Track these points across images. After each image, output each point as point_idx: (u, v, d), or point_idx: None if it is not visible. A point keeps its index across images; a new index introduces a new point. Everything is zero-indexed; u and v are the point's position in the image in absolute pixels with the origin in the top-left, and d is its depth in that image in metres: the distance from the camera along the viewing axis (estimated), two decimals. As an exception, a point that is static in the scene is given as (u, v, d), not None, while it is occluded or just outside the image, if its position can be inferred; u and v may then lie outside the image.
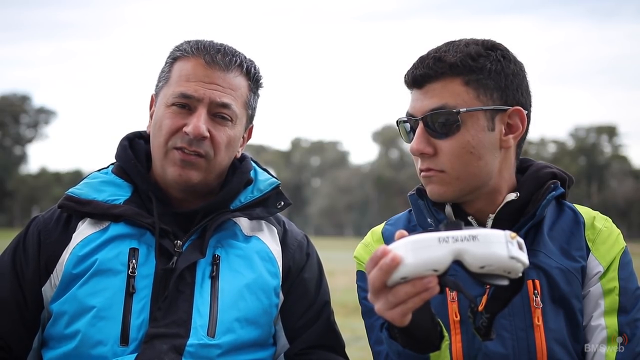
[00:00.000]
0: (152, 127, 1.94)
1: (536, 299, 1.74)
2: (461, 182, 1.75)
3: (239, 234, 1.96)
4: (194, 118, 1.87)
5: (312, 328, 1.98)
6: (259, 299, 1.90)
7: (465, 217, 1.82)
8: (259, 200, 1.99)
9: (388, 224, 1.97)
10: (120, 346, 1.77)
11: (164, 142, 1.89)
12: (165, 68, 1.96)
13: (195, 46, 1.93)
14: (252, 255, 1.93)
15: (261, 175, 2.04)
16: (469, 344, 1.75)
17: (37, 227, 1.92)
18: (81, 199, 1.91)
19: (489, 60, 1.75)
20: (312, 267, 2.04)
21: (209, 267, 1.88)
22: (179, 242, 1.88)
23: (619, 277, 1.78)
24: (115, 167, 2.00)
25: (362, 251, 1.94)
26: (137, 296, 1.81)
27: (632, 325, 1.75)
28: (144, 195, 1.93)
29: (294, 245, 2.02)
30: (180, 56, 1.93)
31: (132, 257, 1.84)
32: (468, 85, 1.73)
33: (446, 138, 1.73)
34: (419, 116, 1.75)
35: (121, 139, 2.02)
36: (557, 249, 1.79)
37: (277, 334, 1.97)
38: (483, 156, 1.75)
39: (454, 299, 1.78)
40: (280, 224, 2.06)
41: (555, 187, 1.81)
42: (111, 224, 1.88)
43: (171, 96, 1.89)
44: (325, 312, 2.02)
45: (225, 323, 1.83)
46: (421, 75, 1.75)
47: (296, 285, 1.98)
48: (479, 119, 1.73)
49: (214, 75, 1.89)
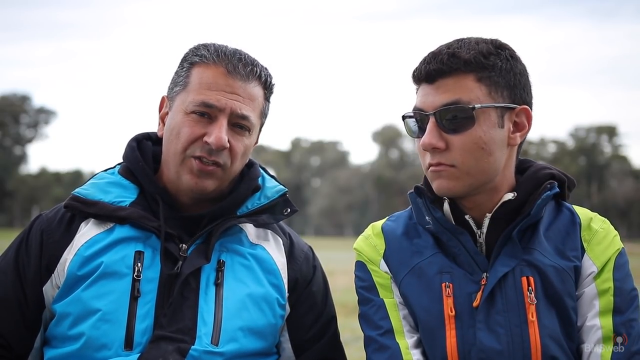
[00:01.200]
0: (168, 132, 1.93)
1: (530, 295, 1.76)
2: (471, 178, 1.77)
3: (244, 240, 1.96)
4: (215, 128, 1.87)
5: (320, 342, 1.99)
6: (262, 310, 1.90)
7: (462, 217, 1.83)
8: (266, 207, 2.00)
9: (390, 219, 1.99)
10: (124, 350, 1.78)
11: (182, 150, 1.88)
12: (181, 72, 1.94)
13: (215, 53, 1.91)
14: (255, 266, 1.94)
15: (269, 182, 2.04)
16: (463, 339, 1.77)
17: (40, 226, 1.92)
18: (87, 199, 1.91)
19: (499, 59, 1.78)
20: (319, 280, 2.05)
21: (213, 274, 1.89)
22: (184, 246, 1.88)
23: (614, 278, 1.80)
24: (122, 168, 1.99)
25: (362, 243, 1.96)
26: (142, 300, 1.82)
27: (627, 325, 1.77)
28: (150, 198, 1.93)
29: (300, 258, 2.02)
30: (199, 62, 1.91)
31: (137, 260, 1.84)
32: (480, 82, 1.76)
33: (459, 133, 1.75)
34: (430, 111, 1.77)
35: (129, 139, 2.01)
36: (552, 248, 1.81)
37: (282, 345, 1.98)
38: (493, 152, 1.77)
39: (449, 295, 1.80)
40: (286, 235, 2.06)
41: (552, 187, 1.83)
42: (116, 225, 1.88)
43: (191, 103, 1.88)
44: (332, 327, 2.04)
45: (229, 332, 1.84)
46: (435, 70, 1.76)
47: (304, 297, 1.99)
48: (491, 116, 1.76)
49: (235, 85, 1.89)
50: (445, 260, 1.84)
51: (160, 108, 2.00)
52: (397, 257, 1.89)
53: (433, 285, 1.83)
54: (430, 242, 1.87)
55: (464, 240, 1.81)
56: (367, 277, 1.92)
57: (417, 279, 1.85)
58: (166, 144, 1.93)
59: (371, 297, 1.90)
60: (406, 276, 1.86)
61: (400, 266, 1.88)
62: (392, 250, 1.90)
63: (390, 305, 1.87)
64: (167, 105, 1.97)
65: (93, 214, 1.89)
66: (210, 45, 1.94)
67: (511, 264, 1.78)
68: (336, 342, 2.04)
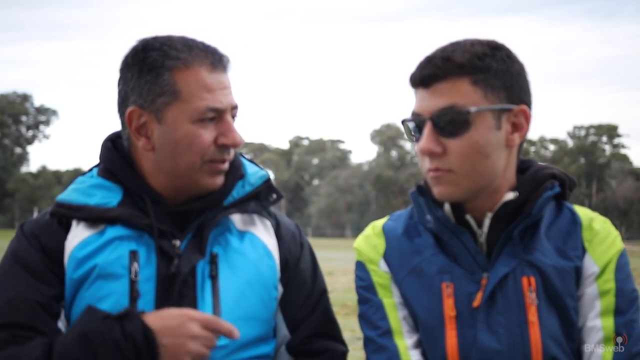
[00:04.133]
0: (170, 145, 1.84)
1: (531, 295, 1.76)
2: (469, 182, 1.77)
3: (232, 228, 1.95)
4: (227, 129, 1.85)
5: (312, 317, 1.99)
6: (260, 295, 1.90)
7: (463, 216, 1.83)
8: (252, 194, 1.98)
9: (390, 219, 1.99)
10: None
11: (200, 159, 1.84)
12: (158, 81, 1.83)
13: (188, 52, 1.83)
14: (249, 251, 1.93)
15: (250, 169, 2.02)
16: (463, 340, 1.77)
17: (30, 230, 1.88)
18: (72, 204, 1.87)
19: (494, 60, 1.77)
20: (307, 256, 2.05)
21: (207, 266, 1.87)
22: (177, 242, 1.87)
23: (616, 279, 1.79)
24: (100, 169, 1.94)
25: (362, 242, 1.96)
26: (141, 301, 1.81)
27: (628, 326, 1.77)
28: (136, 196, 1.89)
29: (288, 237, 2.02)
30: (178, 65, 1.82)
31: (133, 260, 1.83)
32: (475, 84, 1.75)
33: (455, 137, 1.74)
34: (426, 115, 1.77)
35: (103, 140, 1.97)
36: (553, 248, 1.81)
37: (277, 325, 1.98)
38: (490, 155, 1.76)
39: (450, 294, 1.80)
40: (272, 216, 2.04)
41: (553, 186, 1.82)
42: (107, 226, 1.86)
43: (196, 112, 1.82)
44: (323, 301, 2.04)
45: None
46: (429, 74, 1.76)
47: (294, 276, 1.99)
48: (487, 119, 1.75)
49: (222, 79, 1.86)
50: (445, 260, 1.83)
51: (130, 122, 1.87)
52: (397, 257, 1.89)
53: (433, 285, 1.82)
54: (431, 241, 1.87)
55: (465, 239, 1.81)
56: (367, 277, 1.92)
57: (417, 278, 1.85)
58: (169, 157, 1.86)
59: (370, 297, 1.90)
60: (406, 276, 1.86)
61: (400, 266, 1.88)
62: (392, 249, 1.90)
63: (389, 306, 1.87)
64: (143, 118, 1.86)
65: (81, 217, 1.86)
66: (174, 43, 1.84)
67: (512, 264, 1.78)
68: (328, 315, 2.04)
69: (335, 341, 2.03)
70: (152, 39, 1.87)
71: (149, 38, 1.87)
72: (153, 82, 1.83)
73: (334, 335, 2.04)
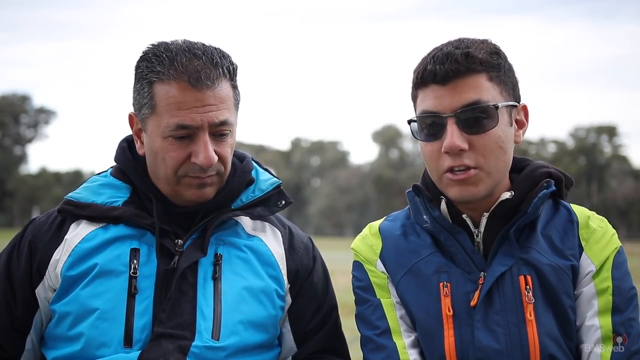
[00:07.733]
0: (151, 155, 1.89)
1: (528, 294, 1.77)
2: (491, 179, 1.78)
3: (241, 232, 1.97)
4: (199, 147, 1.82)
5: (321, 332, 2.00)
6: (262, 303, 1.91)
7: (460, 216, 1.83)
8: (260, 199, 1.99)
9: (387, 219, 1.99)
10: (123, 347, 1.79)
11: (173, 173, 1.86)
12: (143, 92, 1.86)
13: (172, 67, 1.80)
14: (252, 258, 1.94)
15: (262, 175, 2.04)
16: (461, 339, 1.78)
17: (32, 231, 1.94)
18: (80, 202, 1.92)
19: (501, 58, 1.79)
20: (319, 270, 2.06)
21: (210, 268, 1.89)
22: (180, 241, 1.88)
23: (613, 277, 1.79)
24: (114, 169, 1.99)
25: (359, 243, 1.97)
26: (140, 297, 1.83)
27: (626, 324, 1.77)
28: (144, 196, 1.93)
29: (300, 249, 2.02)
30: (157, 80, 1.82)
31: (133, 257, 1.85)
32: (492, 81, 1.76)
33: (480, 133, 1.74)
34: (448, 113, 1.75)
35: (120, 141, 2.01)
36: (550, 246, 1.81)
37: (284, 335, 1.99)
38: (508, 151, 1.79)
39: (447, 294, 1.80)
40: (285, 227, 2.05)
41: (549, 185, 1.83)
42: (110, 225, 1.89)
43: (167, 128, 1.82)
44: (333, 316, 2.04)
45: (229, 326, 1.85)
46: (452, 70, 1.73)
47: (305, 288, 1.99)
48: (505, 114, 1.77)
49: (204, 97, 1.81)
50: (442, 260, 1.84)
51: (131, 125, 1.95)
52: (394, 257, 1.89)
53: (430, 285, 1.83)
54: (428, 241, 1.87)
55: (462, 239, 1.81)
56: (364, 277, 1.92)
57: (414, 278, 1.85)
58: (152, 166, 1.91)
59: (368, 297, 1.90)
60: (404, 276, 1.87)
61: (397, 266, 1.88)
62: (389, 250, 1.91)
63: (387, 305, 1.88)
64: (138, 123, 1.92)
65: (86, 216, 1.90)
66: (162, 54, 1.83)
67: (508, 263, 1.78)
68: (337, 331, 2.05)
69: (342, 358, 2.03)
70: (155, 46, 1.87)
71: (154, 45, 1.88)
72: (139, 92, 1.88)
73: (341, 352, 2.04)
